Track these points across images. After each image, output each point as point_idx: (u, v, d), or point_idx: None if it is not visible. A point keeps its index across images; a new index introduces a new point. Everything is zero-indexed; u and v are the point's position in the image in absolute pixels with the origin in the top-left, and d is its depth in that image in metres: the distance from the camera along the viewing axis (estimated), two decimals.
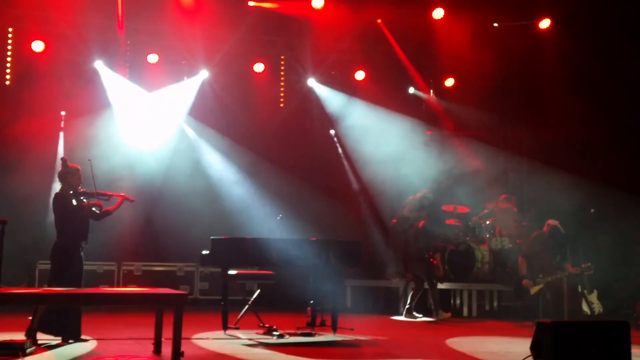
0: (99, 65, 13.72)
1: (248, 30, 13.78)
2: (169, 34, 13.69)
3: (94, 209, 8.47)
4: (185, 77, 14.36)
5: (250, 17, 13.57)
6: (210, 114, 14.50)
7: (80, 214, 8.39)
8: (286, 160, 14.82)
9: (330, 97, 15.17)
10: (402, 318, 12.02)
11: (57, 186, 8.59)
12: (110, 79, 13.85)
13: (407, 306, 12.05)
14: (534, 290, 11.24)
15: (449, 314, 12.20)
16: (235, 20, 13.57)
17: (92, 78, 13.77)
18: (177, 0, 13.20)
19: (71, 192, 8.45)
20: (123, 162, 13.34)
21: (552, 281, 11.18)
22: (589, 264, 11.17)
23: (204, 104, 14.45)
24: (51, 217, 8.47)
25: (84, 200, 8.55)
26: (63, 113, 13.53)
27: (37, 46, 13.06)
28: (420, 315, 12.01)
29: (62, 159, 8.59)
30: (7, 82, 13.27)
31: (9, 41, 13.16)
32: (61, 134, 12.99)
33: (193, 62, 14.17)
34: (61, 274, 8.25)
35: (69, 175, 8.48)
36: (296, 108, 15.08)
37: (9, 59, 13.22)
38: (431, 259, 12.05)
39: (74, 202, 8.37)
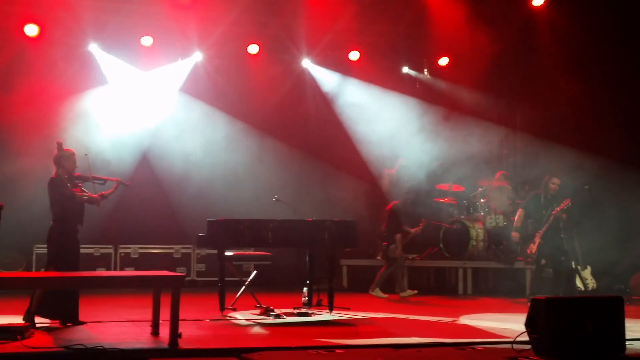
0: (94, 48, 13.66)
1: (242, 12, 13.68)
2: (163, 16, 13.58)
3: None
4: (179, 59, 14.29)
5: None
6: (205, 95, 14.45)
7: (75, 199, 8.40)
8: (281, 141, 14.80)
9: (325, 77, 15.15)
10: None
11: (52, 170, 8.57)
12: (104, 61, 13.79)
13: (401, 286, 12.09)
14: (533, 249, 11.07)
15: (386, 296, 11.87)
16: (229, 2, 13.47)
17: (87, 61, 13.71)
18: None
19: (66, 176, 8.47)
20: (118, 145, 13.30)
21: (544, 233, 10.97)
22: (568, 201, 10.96)
23: (198, 86, 14.40)
24: (47, 200, 8.48)
25: (80, 184, 8.57)
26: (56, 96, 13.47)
27: (31, 29, 12.96)
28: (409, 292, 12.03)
29: (57, 142, 8.58)
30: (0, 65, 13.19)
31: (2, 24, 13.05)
32: (55, 117, 12.92)
33: (187, 44, 14.10)
34: (58, 258, 8.29)
35: (64, 159, 8.48)
36: (291, 89, 15.04)
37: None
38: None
39: (69, 185, 8.39)
